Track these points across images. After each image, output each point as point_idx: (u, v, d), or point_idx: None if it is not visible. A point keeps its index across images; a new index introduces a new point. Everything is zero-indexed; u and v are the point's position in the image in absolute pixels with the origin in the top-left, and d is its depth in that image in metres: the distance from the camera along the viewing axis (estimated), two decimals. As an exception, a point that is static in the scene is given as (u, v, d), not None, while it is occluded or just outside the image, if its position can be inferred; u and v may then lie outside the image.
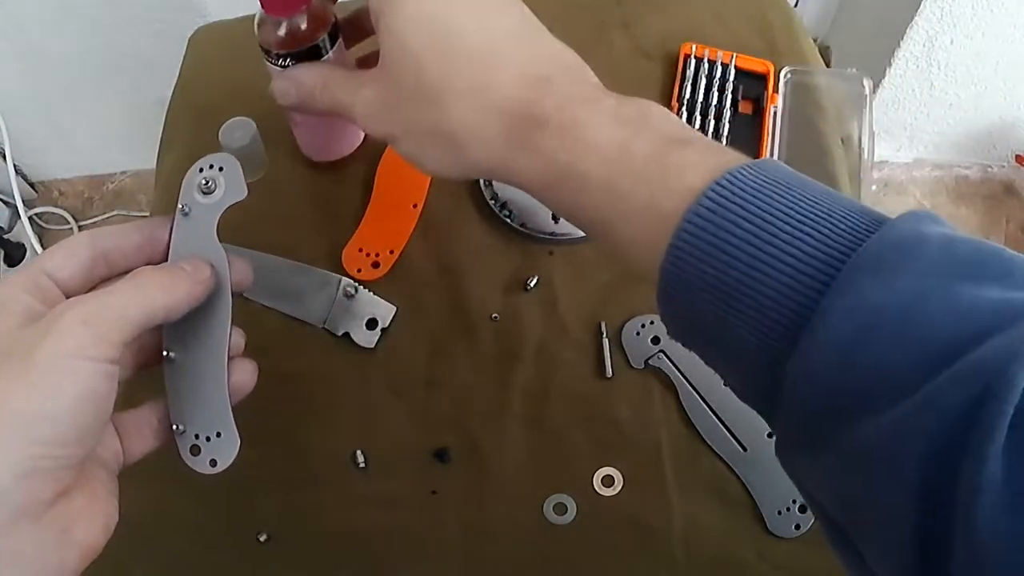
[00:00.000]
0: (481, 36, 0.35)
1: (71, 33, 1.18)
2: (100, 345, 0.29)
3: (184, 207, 0.37)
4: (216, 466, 0.36)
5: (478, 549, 0.49)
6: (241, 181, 0.37)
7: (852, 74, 0.64)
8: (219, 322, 0.36)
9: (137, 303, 0.32)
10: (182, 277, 0.34)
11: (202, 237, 0.37)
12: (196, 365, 0.36)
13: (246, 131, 0.61)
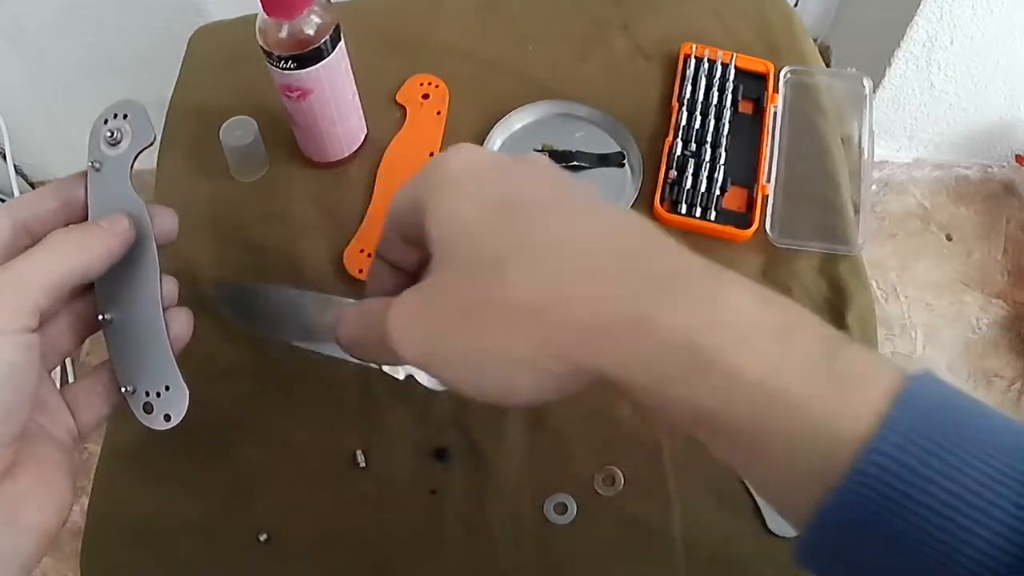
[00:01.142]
0: (548, 197, 0.30)
1: (71, 33, 1.18)
2: (13, 316, 0.29)
3: (94, 163, 0.36)
4: (170, 420, 0.35)
5: (478, 549, 0.49)
6: (148, 125, 0.36)
7: (852, 74, 0.64)
8: (148, 275, 0.35)
9: (49, 266, 0.31)
10: (96, 233, 0.33)
11: (117, 190, 0.36)
12: (133, 323, 0.35)
13: (247, 131, 0.61)
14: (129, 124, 0.36)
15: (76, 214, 0.36)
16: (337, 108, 0.58)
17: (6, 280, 0.30)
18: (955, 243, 1.40)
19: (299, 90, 0.55)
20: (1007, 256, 1.38)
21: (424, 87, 0.66)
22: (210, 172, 0.64)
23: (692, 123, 0.62)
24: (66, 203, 0.36)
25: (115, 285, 0.35)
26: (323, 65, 0.54)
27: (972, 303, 1.34)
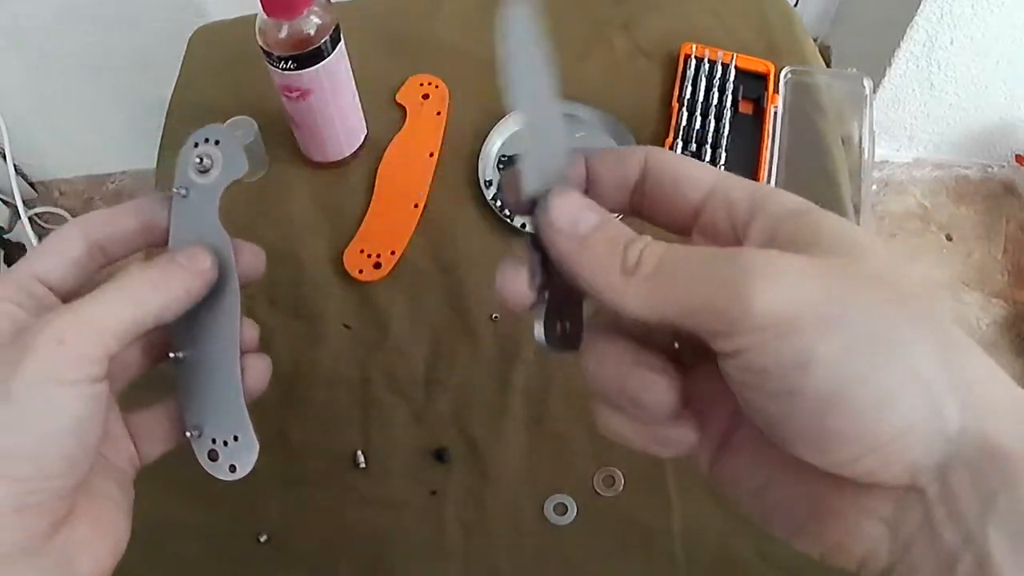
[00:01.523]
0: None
1: (71, 33, 1.18)
2: (79, 365, 0.27)
3: (180, 189, 0.34)
4: (236, 472, 0.33)
5: (478, 549, 0.49)
6: (240, 154, 0.33)
7: (852, 74, 0.64)
8: (227, 316, 0.33)
9: (121, 309, 0.28)
10: (176, 272, 0.31)
11: (203, 221, 0.33)
12: (207, 364, 0.33)
13: (247, 131, 0.61)
14: (220, 151, 0.34)
15: (155, 238, 0.34)
16: (337, 108, 0.58)
17: (74, 324, 0.27)
18: (955, 243, 1.40)
19: (299, 90, 0.55)
20: (1007, 256, 1.38)
21: (424, 87, 0.66)
22: (210, 172, 0.64)
23: (692, 123, 0.62)
24: (146, 226, 0.33)
25: (192, 322, 0.32)
26: (323, 65, 0.54)
27: (972, 303, 1.34)
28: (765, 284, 0.21)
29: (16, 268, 0.31)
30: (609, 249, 0.25)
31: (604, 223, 0.25)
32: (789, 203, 0.25)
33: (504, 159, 0.61)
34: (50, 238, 0.32)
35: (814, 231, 0.23)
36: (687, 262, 0.23)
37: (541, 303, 0.28)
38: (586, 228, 0.25)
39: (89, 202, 1.49)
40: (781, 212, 0.24)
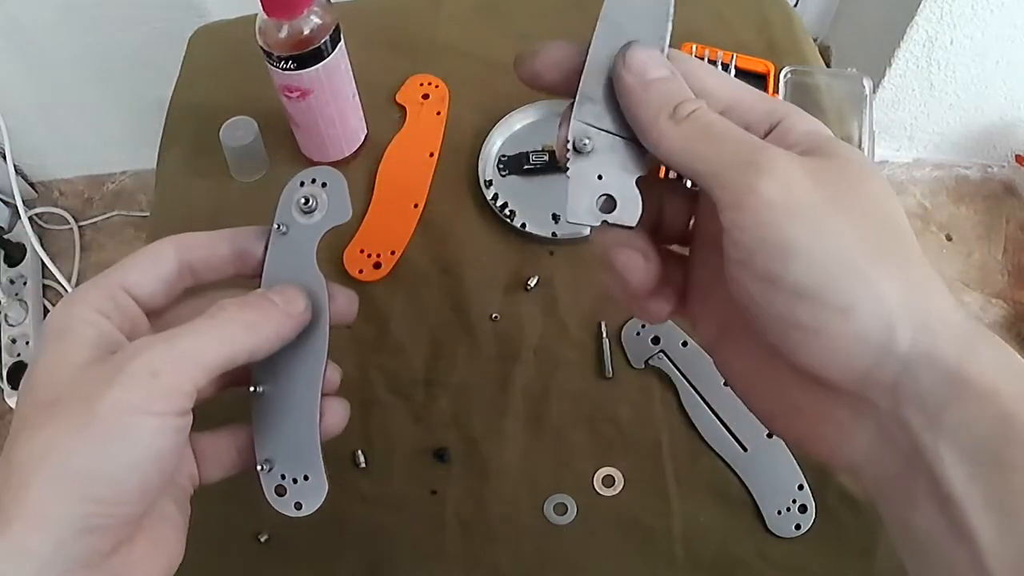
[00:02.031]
0: None
1: (71, 33, 1.18)
2: (169, 398, 0.27)
3: (280, 225, 0.33)
4: (301, 509, 0.33)
5: (478, 549, 0.49)
6: (346, 200, 0.33)
7: (852, 74, 0.64)
8: (315, 356, 0.32)
9: (214, 347, 0.28)
10: (271, 314, 0.30)
11: (300, 260, 0.33)
12: (287, 402, 0.33)
13: (247, 130, 0.61)
14: (326, 194, 0.33)
15: (247, 269, 0.34)
16: (337, 108, 0.58)
17: (169, 358, 0.27)
18: (955, 243, 1.40)
19: (299, 90, 0.55)
20: (1007, 256, 1.38)
21: (424, 87, 0.66)
22: (210, 172, 0.64)
23: (692, 123, 0.62)
24: (240, 255, 0.33)
25: (277, 359, 0.32)
26: (323, 65, 0.54)
27: (972, 303, 1.34)
28: (775, 174, 0.24)
29: (105, 275, 0.31)
30: (667, 97, 0.27)
31: (671, 78, 0.28)
32: (803, 125, 0.27)
33: (504, 159, 0.61)
34: (144, 251, 0.32)
35: (827, 155, 0.25)
36: (725, 132, 0.26)
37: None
38: (654, 75, 0.28)
39: (89, 202, 1.49)
40: (796, 131, 0.27)
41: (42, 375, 0.28)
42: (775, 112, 0.27)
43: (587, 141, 0.29)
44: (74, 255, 1.42)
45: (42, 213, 1.45)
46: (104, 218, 1.46)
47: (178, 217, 0.62)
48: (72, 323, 0.29)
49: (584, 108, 0.29)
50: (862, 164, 0.26)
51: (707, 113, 0.27)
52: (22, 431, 0.26)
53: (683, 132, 0.27)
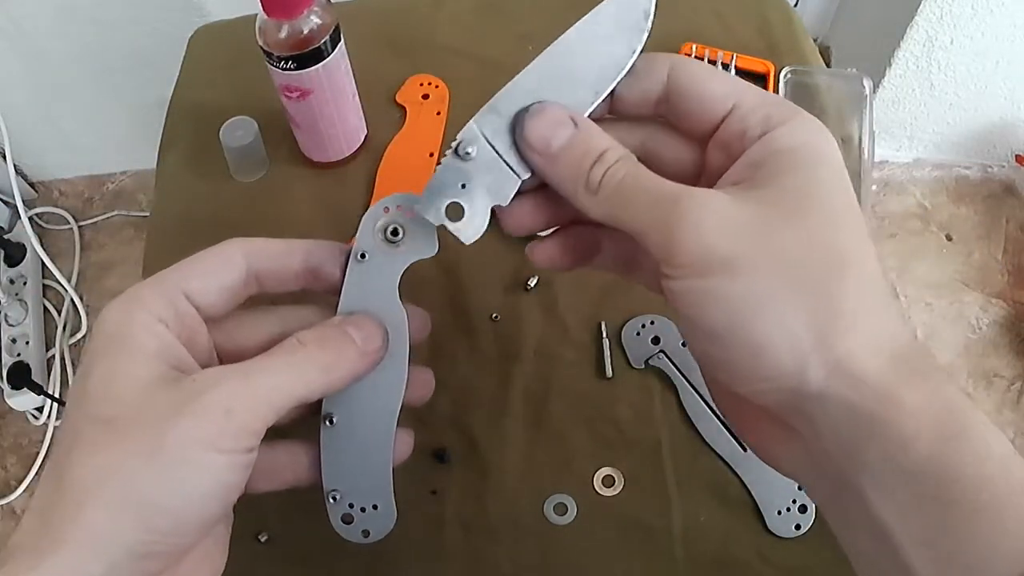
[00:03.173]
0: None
1: (71, 33, 1.18)
2: (239, 436, 0.26)
3: (361, 252, 0.32)
4: (368, 537, 0.32)
5: (478, 549, 0.49)
6: (433, 235, 0.31)
7: (852, 74, 0.64)
8: (390, 390, 0.32)
9: (290, 388, 0.27)
10: (348, 354, 0.30)
11: (380, 290, 0.32)
12: (359, 432, 0.32)
13: (247, 130, 0.61)
14: (414, 225, 0.32)
15: (317, 286, 0.32)
16: (337, 108, 0.58)
17: (242, 395, 0.26)
18: (955, 243, 1.40)
19: (299, 90, 0.55)
20: (1007, 256, 1.38)
21: (424, 87, 0.66)
22: (210, 172, 0.64)
23: (692, 123, 0.62)
24: (311, 271, 0.32)
25: (352, 390, 0.31)
26: (323, 65, 0.54)
27: (972, 303, 1.34)
28: (690, 233, 0.25)
29: (166, 279, 0.30)
30: (576, 168, 0.28)
31: (573, 142, 0.28)
32: (789, 138, 0.27)
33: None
34: (212, 255, 0.31)
35: (789, 174, 0.26)
36: (640, 194, 0.27)
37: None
38: (557, 146, 0.28)
39: (89, 202, 1.49)
40: (776, 145, 0.27)
41: (100, 387, 0.26)
42: (771, 119, 0.27)
43: (470, 150, 0.29)
44: (74, 255, 1.42)
45: (42, 213, 1.45)
46: (104, 218, 1.46)
47: (178, 217, 0.62)
48: (133, 330, 0.27)
49: (487, 117, 0.30)
50: (808, 192, 0.26)
51: (617, 171, 0.27)
52: (77, 446, 0.25)
53: (601, 200, 0.27)
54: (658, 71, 0.30)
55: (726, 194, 0.26)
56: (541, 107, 0.29)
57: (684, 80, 0.29)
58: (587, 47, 0.30)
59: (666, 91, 0.29)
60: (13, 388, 1.22)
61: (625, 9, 0.30)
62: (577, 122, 0.29)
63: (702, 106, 0.29)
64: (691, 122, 0.29)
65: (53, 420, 1.26)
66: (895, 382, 0.24)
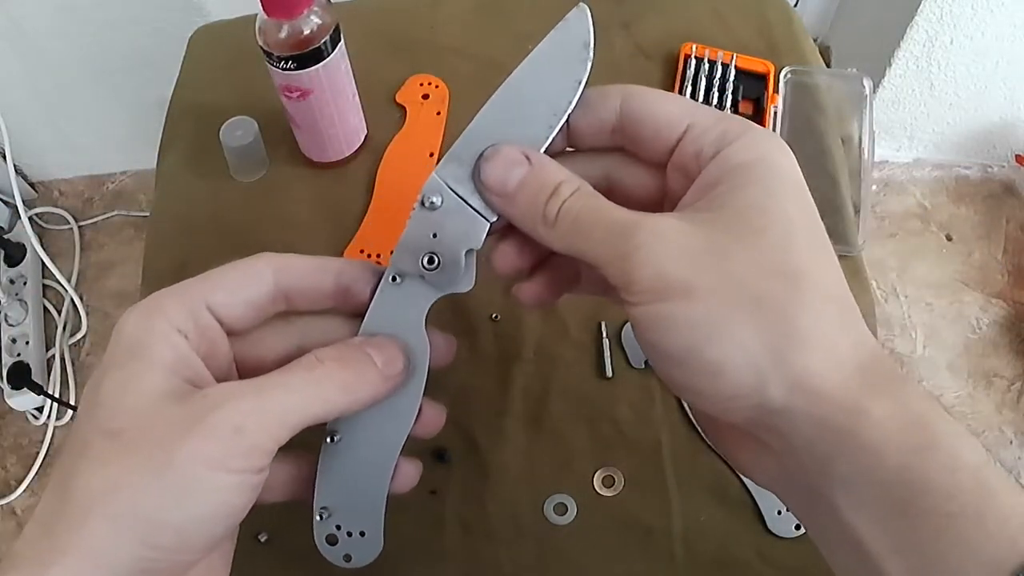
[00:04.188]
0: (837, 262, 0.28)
1: (71, 33, 1.18)
2: (250, 456, 0.26)
3: (396, 276, 0.31)
4: (350, 562, 0.32)
5: (478, 549, 0.49)
6: (472, 269, 0.31)
7: (852, 74, 0.64)
8: (402, 417, 0.31)
9: (306, 407, 0.27)
10: (368, 376, 0.29)
11: (408, 317, 0.31)
12: (361, 456, 0.31)
13: (247, 130, 0.61)
14: (455, 258, 0.31)
15: (348, 307, 0.32)
16: (337, 108, 0.58)
17: (254, 414, 0.26)
18: (955, 243, 1.40)
19: (299, 90, 0.55)
20: (1007, 256, 1.38)
21: (424, 87, 0.66)
22: (210, 172, 0.64)
23: (692, 123, 0.62)
24: (344, 292, 0.31)
25: (363, 412, 0.30)
26: (323, 65, 0.54)
27: (972, 303, 1.34)
28: (645, 262, 0.26)
29: (190, 289, 0.29)
30: (533, 204, 0.29)
31: (527, 179, 0.29)
32: (742, 154, 0.27)
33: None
34: (239, 269, 0.30)
35: (743, 191, 0.26)
36: (596, 226, 0.27)
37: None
38: (513, 185, 0.29)
39: (89, 202, 1.49)
40: (730, 163, 0.27)
41: (110, 398, 0.26)
42: (725, 137, 0.28)
43: (435, 199, 0.30)
44: (74, 255, 1.42)
45: (42, 213, 1.45)
46: (104, 218, 1.46)
47: (178, 217, 0.62)
48: (150, 340, 0.27)
49: (448, 166, 0.30)
50: (762, 208, 0.26)
51: (573, 204, 0.28)
52: (84, 458, 0.25)
53: (559, 233, 0.28)
54: (611, 101, 0.30)
55: (681, 219, 0.27)
56: (495, 149, 0.30)
57: (636, 106, 0.29)
58: (535, 84, 0.30)
59: (620, 120, 0.30)
60: (13, 388, 1.22)
61: (566, 43, 0.30)
62: (532, 159, 0.29)
63: (656, 130, 0.29)
64: (648, 147, 0.30)
65: (53, 420, 1.26)
66: (860, 395, 0.24)
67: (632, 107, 0.29)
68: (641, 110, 0.29)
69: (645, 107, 0.29)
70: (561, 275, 0.33)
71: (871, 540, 0.24)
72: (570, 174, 0.29)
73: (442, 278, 0.30)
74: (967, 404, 1.25)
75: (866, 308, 0.56)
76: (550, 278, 0.32)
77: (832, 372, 0.25)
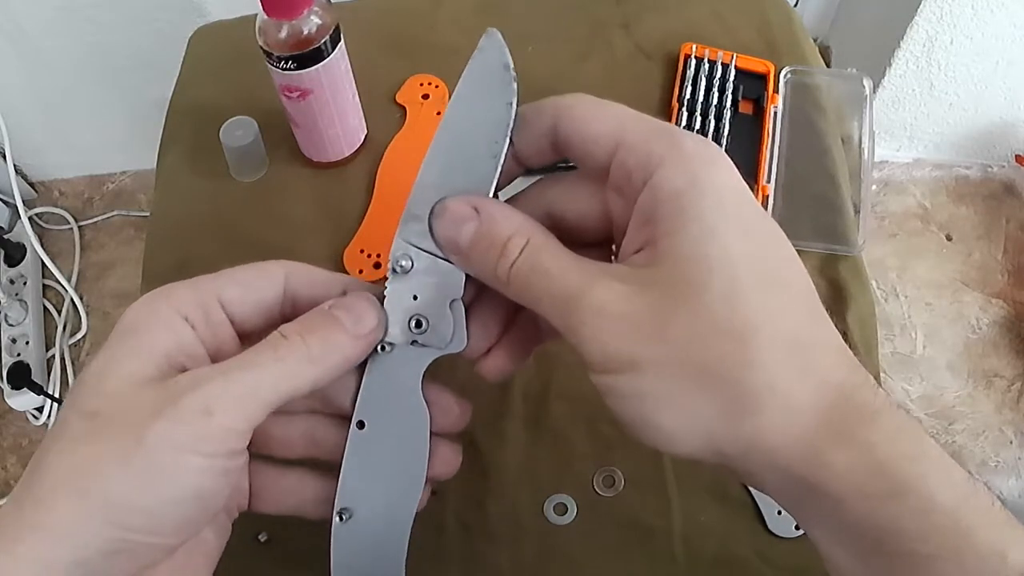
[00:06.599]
0: (803, 280, 0.27)
1: (71, 33, 1.18)
2: (221, 438, 0.25)
3: (385, 345, 0.30)
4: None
5: (478, 549, 0.49)
6: (463, 324, 0.30)
7: (852, 74, 0.64)
8: (410, 487, 0.31)
9: (275, 383, 0.26)
10: (337, 340, 0.28)
11: (403, 385, 0.30)
12: (374, 529, 0.31)
13: (247, 130, 0.61)
14: (441, 313, 0.30)
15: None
16: (337, 108, 0.58)
17: (222, 395, 0.25)
18: (955, 243, 1.40)
19: (299, 90, 0.55)
20: (1007, 256, 1.38)
21: (424, 87, 0.66)
22: (210, 172, 0.64)
23: (692, 123, 0.62)
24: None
25: (371, 482, 0.30)
26: (323, 65, 0.54)
27: (972, 303, 1.34)
28: (591, 341, 0.26)
29: (202, 281, 0.29)
30: (485, 262, 0.28)
31: (477, 236, 0.28)
32: (671, 181, 0.26)
33: (504, 159, 0.61)
34: (252, 268, 0.30)
35: (681, 235, 0.25)
36: (544, 292, 0.27)
37: None
38: (465, 244, 0.28)
39: (89, 202, 1.49)
40: (662, 193, 0.26)
41: (93, 378, 0.26)
42: (651, 157, 0.26)
43: (404, 263, 0.29)
44: (74, 255, 1.42)
45: (42, 213, 1.45)
46: (104, 218, 1.46)
47: (178, 217, 0.62)
48: (149, 322, 0.27)
49: (408, 226, 0.30)
50: (701, 255, 0.25)
51: (522, 264, 0.27)
52: (59, 439, 0.25)
53: (513, 292, 0.28)
54: (545, 119, 0.29)
55: (624, 281, 0.26)
56: (443, 206, 0.29)
57: (566, 125, 0.28)
58: (469, 120, 0.30)
59: (554, 139, 0.29)
60: (13, 388, 1.22)
61: (487, 69, 0.30)
62: (480, 211, 0.28)
63: (586, 150, 0.28)
64: (585, 167, 0.29)
65: (53, 420, 1.26)
66: (821, 446, 0.24)
67: (563, 125, 0.28)
68: (570, 129, 0.28)
69: (574, 126, 0.28)
70: (525, 335, 0.32)
71: (852, 570, 0.25)
72: (521, 220, 0.28)
73: (434, 337, 0.30)
74: (967, 404, 1.25)
75: (866, 308, 0.56)
76: (514, 340, 0.32)
77: (789, 427, 0.24)
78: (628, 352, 0.25)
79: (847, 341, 0.54)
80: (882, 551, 0.24)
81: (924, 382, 1.27)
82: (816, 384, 0.25)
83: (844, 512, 0.24)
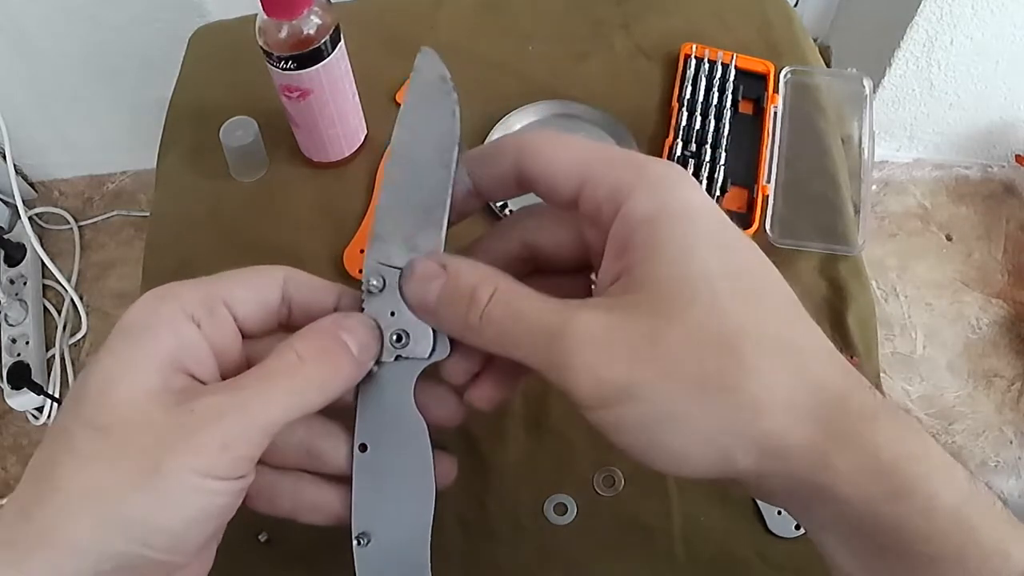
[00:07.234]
0: (783, 288, 0.27)
1: (71, 33, 1.18)
2: (236, 465, 0.26)
3: (373, 366, 0.30)
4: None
5: (478, 549, 0.49)
6: (443, 331, 0.30)
7: (852, 74, 0.64)
8: (422, 504, 0.31)
9: (286, 413, 0.27)
10: (345, 370, 0.28)
11: (396, 400, 0.31)
12: (394, 551, 0.31)
13: (247, 130, 0.61)
14: (421, 329, 0.30)
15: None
16: (337, 108, 0.58)
17: (239, 430, 0.26)
18: (955, 243, 1.40)
19: (299, 90, 0.55)
20: (1007, 256, 1.38)
21: (424, 87, 0.66)
22: (210, 172, 0.64)
23: (692, 123, 0.62)
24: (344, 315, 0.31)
25: (383, 508, 0.31)
26: (323, 65, 0.54)
27: (972, 303, 1.34)
28: (582, 374, 0.25)
29: (207, 281, 0.29)
30: (455, 318, 0.28)
31: (444, 293, 0.28)
32: (642, 208, 0.26)
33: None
34: (253, 270, 0.30)
35: (657, 258, 0.25)
36: (521, 334, 0.26)
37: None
38: (433, 302, 0.28)
39: (89, 202, 1.49)
40: (633, 221, 0.26)
41: (99, 389, 0.26)
42: (619, 189, 0.26)
43: (375, 282, 0.30)
44: (74, 255, 1.42)
45: (42, 213, 1.45)
46: (104, 218, 1.46)
47: (178, 217, 0.62)
48: (153, 324, 0.27)
49: (376, 247, 0.30)
50: (681, 280, 0.25)
51: (492, 311, 0.27)
52: (69, 451, 0.25)
53: (487, 341, 0.27)
54: (507, 157, 0.29)
55: (607, 311, 0.26)
56: (411, 266, 0.29)
57: (529, 164, 0.28)
58: (416, 134, 0.31)
59: (517, 176, 0.29)
60: (13, 388, 1.22)
61: (425, 84, 0.31)
62: (448, 267, 0.29)
63: (551, 187, 0.28)
64: (551, 202, 0.29)
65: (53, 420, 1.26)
66: (825, 448, 0.24)
67: (525, 164, 0.28)
68: (533, 168, 0.28)
69: (536, 165, 0.28)
70: (509, 364, 0.31)
71: (856, 573, 0.25)
72: (487, 271, 0.28)
73: (417, 348, 0.30)
74: (967, 404, 1.25)
75: (866, 308, 0.56)
76: (499, 369, 0.31)
77: (794, 427, 0.24)
78: (623, 377, 0.25)
79: (847, 341, 0.54)
80: (886, 552, 0.24)
81: (924, 382, 1.27)
82: (811, 386, 0.25)
83: (850, 514, 0.24)
